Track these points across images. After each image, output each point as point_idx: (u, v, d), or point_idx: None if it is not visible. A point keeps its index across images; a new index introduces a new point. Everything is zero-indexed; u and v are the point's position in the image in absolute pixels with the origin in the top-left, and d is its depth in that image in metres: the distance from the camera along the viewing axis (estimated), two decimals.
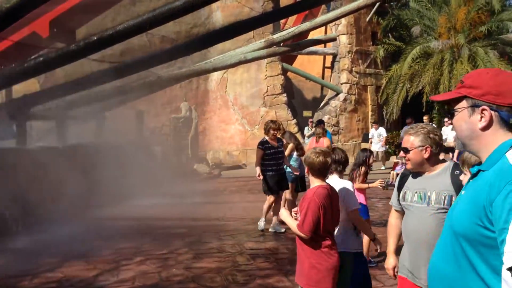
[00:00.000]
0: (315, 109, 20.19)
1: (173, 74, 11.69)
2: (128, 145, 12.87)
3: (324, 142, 9.23)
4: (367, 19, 20.16)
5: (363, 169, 5.73)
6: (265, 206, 7.63)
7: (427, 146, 2.86)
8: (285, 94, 18.55)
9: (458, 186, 2.75)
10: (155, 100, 16.84)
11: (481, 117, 1.58)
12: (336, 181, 3.85)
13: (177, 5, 6.81)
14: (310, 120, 17.52)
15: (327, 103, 19.80)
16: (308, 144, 10.33)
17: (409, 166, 2.95)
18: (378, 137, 15.96)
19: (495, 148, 1.57)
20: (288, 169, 8.04)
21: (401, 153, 3.01)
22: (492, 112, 1.57)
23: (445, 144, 13.56)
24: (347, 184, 3.95)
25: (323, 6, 19.14)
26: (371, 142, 15.96)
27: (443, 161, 3.07)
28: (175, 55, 10.83)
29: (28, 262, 6.17)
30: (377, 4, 18.66)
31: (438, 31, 18.75)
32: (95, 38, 7.31)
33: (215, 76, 18.20)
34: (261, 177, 7.44)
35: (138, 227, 8.33)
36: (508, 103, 1.56)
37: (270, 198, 7.56)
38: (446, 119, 13.71)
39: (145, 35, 15.85)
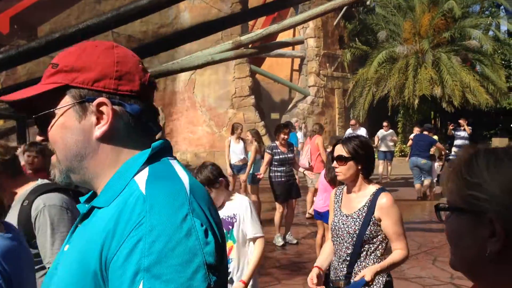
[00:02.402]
0: (283, 111, 20.26)
1: None
2: None
3: (316, 139, 8.93)
4: (334, 23, 20.39)
5: None
6: (276, 218, 7.08)
7: None
8: (253, 96, 18.55)
9: (25, 221, 1.97)
10: None
11: (98, 117, 0.97)
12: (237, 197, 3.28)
13: (143, 4, 6.67)
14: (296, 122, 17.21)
15: (295, 106, 19.91)
16: (305, 142, 10.22)
17: None
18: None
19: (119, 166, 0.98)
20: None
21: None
22: (116, 108, 0.97)
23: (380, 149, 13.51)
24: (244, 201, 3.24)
25: (292, 9, 19.25)
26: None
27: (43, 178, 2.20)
28: (141, 55, 10.66)
29: None
30: (344, 8, 18.93)
31: (403, 37, 19.14)
32: (57, 35, 7.09)
33: (183, 77, 18.05)
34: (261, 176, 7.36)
35: None
36: (132, 90, 0.99)
37: (279, 208, 7.09)
38: (385, 123, 13.64)
39: (111, 34, 15.59)
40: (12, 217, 1.90)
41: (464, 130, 13.49)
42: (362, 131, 11.87)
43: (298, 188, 7.28)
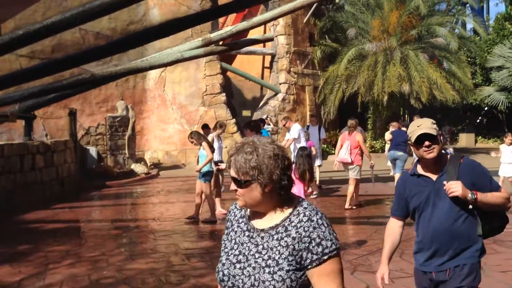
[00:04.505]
0: (255, 108, 20.30)
1: (108, 72, 11.34)
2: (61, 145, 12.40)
3: (356, 136, 9.35)
4: (304, 21, 20.52)
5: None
6: None
7: None
8: (224, 94, 18.52)
9: None
10: (89, 98, 16.34)
11: None
12: None
13: (109, 0, 6.61)
14: (267, 117, 17.31)
15: (266, 103, 19.97)
16: (340, 138, 10.21)
17: None
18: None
19: None
20: (205, 168, 8.15)
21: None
22: None
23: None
24: None
25: (262, 7, 19.28)
26: None
27: None
28: (110, 52, 10.51)
29: None
30: (314, 6, 19.06)
31: (372, 34, 19.39)
32: (21, 32, 6.96)
33: (153, 74, 17.89)
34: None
35: (68, 230, 8.02)
36: None
37: None
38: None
39: (79, 31, 15.34)
40: None
41: None
42: (295, 128, 11.19)
43: None
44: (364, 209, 9.43)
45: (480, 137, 27.28)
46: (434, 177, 2.80)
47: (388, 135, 13.22)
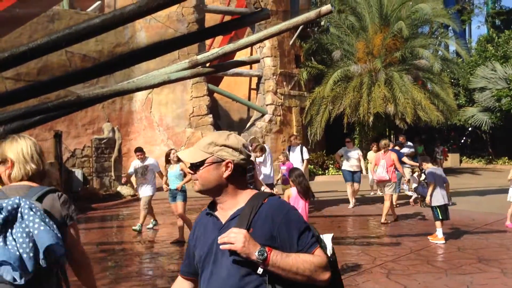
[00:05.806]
0: (242, 130, 20.35)
1: (94, 94, 11.33)
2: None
3: (391, 155, 10.06)
4: (290, 43, 20.78)
5: None
6: None
7: None
8: (211, 115, 18.56)
9: None
10: (75, 120, 16.27)
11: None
12: None
13: (95, 23, 6.62)
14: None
15: (253, 124, 20.04)
16: (375, 158, 10.97)
17: None
18: None
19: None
20: (184, 187, 8.44)
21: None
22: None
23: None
24: None
25: (248, 29, 19.50)
26: None
27: None
28: (97, 74, 10.52)
29: None
30: (300, 28, 19.33)
31: (357, 56, 19.66)
32: (7, 55, 6.94)
33: (140, 96, 17.90)
34: None
35: None
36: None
37: None
38: (347, 139, 13.60)
39: (65, 54, 15.35)
40: None
41: (408, 147, 14.20)
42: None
43: None
44: (351, 230, 9.44)
45: (464, 157, 27.56)
46: (224, 219, 1.87)
47: (371, 155, 13.48)
